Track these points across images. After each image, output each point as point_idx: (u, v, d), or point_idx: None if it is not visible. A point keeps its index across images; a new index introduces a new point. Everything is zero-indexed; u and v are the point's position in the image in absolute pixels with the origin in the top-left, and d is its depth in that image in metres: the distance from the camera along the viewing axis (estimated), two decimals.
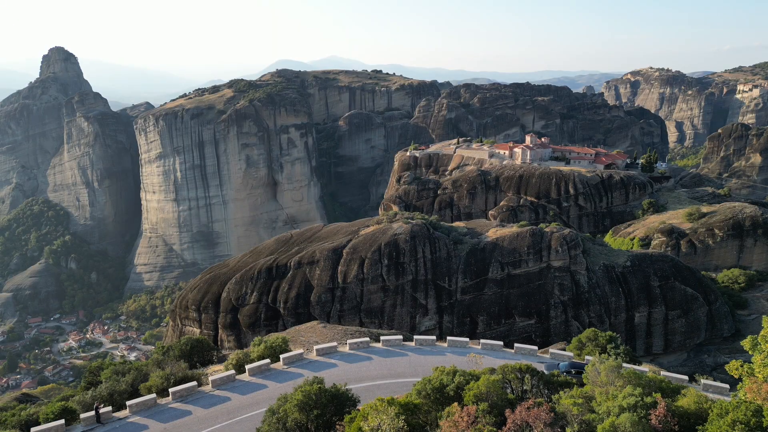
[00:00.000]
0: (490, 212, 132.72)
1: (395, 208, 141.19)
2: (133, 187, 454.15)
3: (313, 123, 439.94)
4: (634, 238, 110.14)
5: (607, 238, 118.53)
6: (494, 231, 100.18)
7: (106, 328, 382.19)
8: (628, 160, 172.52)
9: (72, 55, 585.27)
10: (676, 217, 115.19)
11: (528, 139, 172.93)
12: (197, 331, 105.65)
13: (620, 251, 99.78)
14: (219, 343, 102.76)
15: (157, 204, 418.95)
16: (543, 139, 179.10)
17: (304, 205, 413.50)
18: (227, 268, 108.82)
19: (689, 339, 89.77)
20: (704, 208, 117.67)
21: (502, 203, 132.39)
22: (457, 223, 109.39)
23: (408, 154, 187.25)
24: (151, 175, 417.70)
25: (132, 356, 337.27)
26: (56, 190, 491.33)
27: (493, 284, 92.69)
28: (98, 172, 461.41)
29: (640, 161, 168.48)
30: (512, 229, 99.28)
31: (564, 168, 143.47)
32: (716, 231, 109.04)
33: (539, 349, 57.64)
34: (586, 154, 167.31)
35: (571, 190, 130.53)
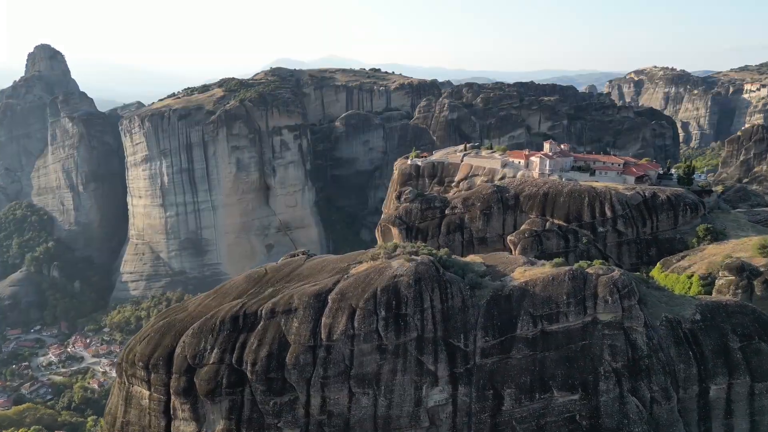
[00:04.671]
0: (509, 238, 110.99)
1: (395, 232, 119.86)
2: (121, 190, 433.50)
3: (308, 124, 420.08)
4: (692, 276, 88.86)
5: (655, 273, 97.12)
6: (521, 271, 78.52)
7: (88, 341, 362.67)
8: (661, 171, 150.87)
9: (58, 52, 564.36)
10: (743, 248, 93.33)
11: (546, 146, 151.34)
12: (146, 393, 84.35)
13: (684, 298, 78.09)
14: (172, 411, 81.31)
15: (143, 209, 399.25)
16: (563, 146, 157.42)
17: (298, 210, 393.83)
18: (185, 313, 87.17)
19: None
20: None
21: (523, 227, 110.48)
22: (472, 257, 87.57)
23: (409, 162, 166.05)
24: (137, 178, 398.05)
25: (114, 372, 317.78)
26: (40, 193, 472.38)
27: (523, 344, 71.17)
28: (83, 175, 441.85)
29: (676, 172, 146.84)
30: (544, 269, 77.60)
31: (597, 184, 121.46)
32: None
33: None
34: (613, 163, 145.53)
35: (608, 212, 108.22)
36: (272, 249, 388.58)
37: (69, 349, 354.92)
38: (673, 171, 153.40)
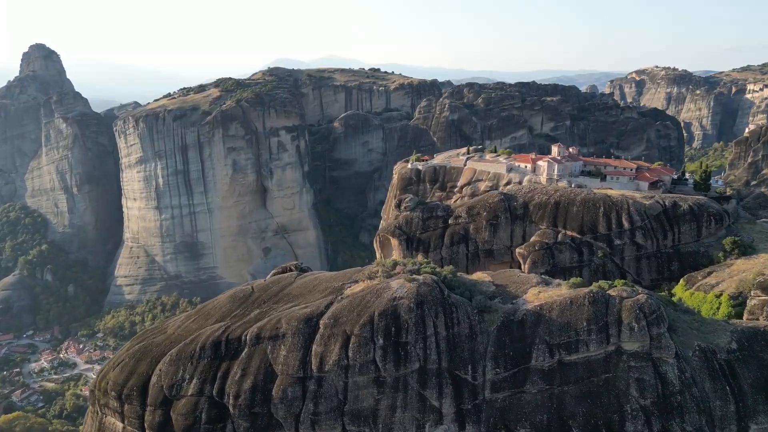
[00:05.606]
0: (517, 250, 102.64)
1: (394, 243, 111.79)
2: (116, 192, 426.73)
3: (306, 125, 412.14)
4: (721, 295, 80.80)
5: (678, 291, 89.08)
6: (535, 293, 70.44)
7: (81, 346, 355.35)
8: (675, 176, 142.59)
9: (53, 52, 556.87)
10: None
11: (554, 150, 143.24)
12: (120, 425, 76.48)
13: (717, 324, 70.08)
14: None
15: (138, 212, 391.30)
16: (571, 149, 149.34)
17: (296, 213, 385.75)
18: (163, 337, 79.17)
19: None
20: None
21: (533, 239, 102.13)
22: (479, 275, 79.46)
23: (409, 166, 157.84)
24: (131, 180, 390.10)
25: None
26: (34, 195, 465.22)
27: (538, 377, 63.19)
28: (77, 176, 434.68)
29: (692, 177, 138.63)
30: (561, 290, 69.53)
31: (612, 191, 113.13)
32: None
33: None
34: (625, 168, 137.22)
35: (625, 223, 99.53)
36: (269, 252, 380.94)
37: (62, 355, 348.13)
38: (687, 176, 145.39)
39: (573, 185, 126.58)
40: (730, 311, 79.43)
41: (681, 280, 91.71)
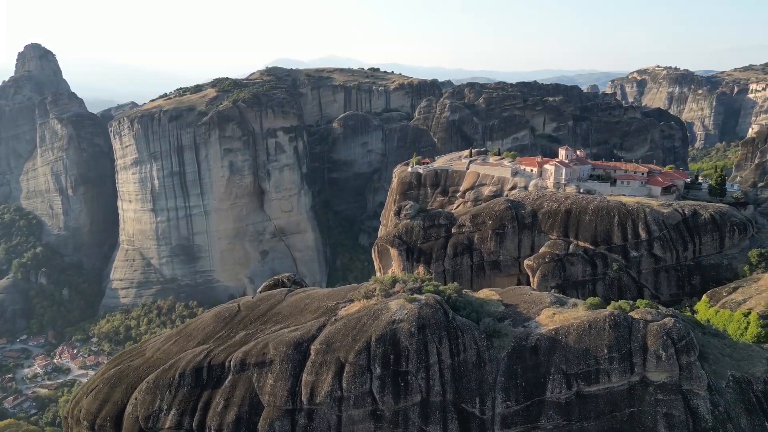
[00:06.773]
0: (526, 262, 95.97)
1: (394, 253, 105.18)
2: (112, 194, 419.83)
3: (305, 125, 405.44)
4: (749, 314, 74.10)
5: (701, 308, 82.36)
6: (549, 314, 63.73)
7: (75, 351, 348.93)
8: (688, 180, 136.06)
9: (49, 52, 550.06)
10: None
11: (562, 153, 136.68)
12: None
13: (750, 349, 63.48)
14: None
15: (133, 214, 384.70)
16: (579, 152, 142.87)
17: (294, 215, 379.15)
18: (141, 360, 72.58)
19: None
20: None
21: (543, 250, 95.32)
22: (486, 293, 72.74)
23: (410, 169, 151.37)
24: (126, 182, 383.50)
25: None
26: (29, 197, 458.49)
27: (555, 411, 56.63)
28: (72, 178, 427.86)
29: (707, 182, 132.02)
30: (578, 312, 62.84)
31: (626, 198, 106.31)
32: None
33: None
34: (636, 172, 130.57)
35: (642, 233, 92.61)
36: (267, 255, 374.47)
37: (55, 360, 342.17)
38: (701, 180, 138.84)
39: (582, 190, 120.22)
40: (759, 332, 72.78)
41: (704, 296, 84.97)
